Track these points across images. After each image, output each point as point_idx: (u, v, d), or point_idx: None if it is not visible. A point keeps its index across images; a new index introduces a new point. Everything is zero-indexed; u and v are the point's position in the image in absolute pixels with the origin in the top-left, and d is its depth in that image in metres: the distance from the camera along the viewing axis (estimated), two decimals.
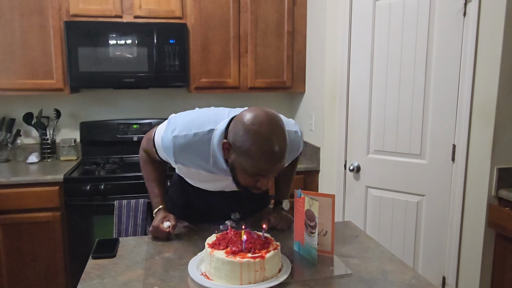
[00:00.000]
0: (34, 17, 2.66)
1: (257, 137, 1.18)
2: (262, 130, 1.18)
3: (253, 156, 1.19)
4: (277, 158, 1.20)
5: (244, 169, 1.24)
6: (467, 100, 2.20)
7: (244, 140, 1.19)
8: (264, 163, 1.20)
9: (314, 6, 2.88)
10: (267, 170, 1.22)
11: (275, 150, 1.19)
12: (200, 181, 1.51)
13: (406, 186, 2.46)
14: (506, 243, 2.14)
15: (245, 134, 1.19)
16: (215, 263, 1.19)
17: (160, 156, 1.50)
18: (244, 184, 1.30)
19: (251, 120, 1.20)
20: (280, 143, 1.20)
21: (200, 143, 1.35)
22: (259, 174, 1.23)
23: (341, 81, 2.60)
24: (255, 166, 1.21)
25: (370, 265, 1.33)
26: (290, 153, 1.48)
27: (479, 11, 2.12)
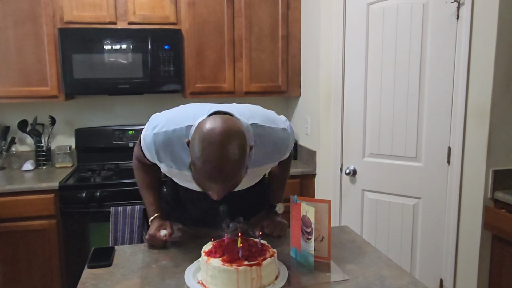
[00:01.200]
0: (28, 25, 2.65)
1: (203, 153, 1.10)
2: (211, 149, 1.09)
3: (197, 171, 1.14)
4: (219, 181, 1.12)
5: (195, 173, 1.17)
6: (461, 102, 2.21)
7: (194, 149, 1.13)
8: (207, 181, 1.14)
9: (308, 11, 2.88)
10: (210, 188, 1.16)
11: (216, 173, 1.10)
12: (187, 181, 1.42)
13: (402, 189, 2.46)
14: (502, 245, 2.15)
15: (196, 142, 1.13)
16: (212, 271, 1.18)
17: (148, 158, 1.45)
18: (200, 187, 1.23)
19: (206, 131, 1.12)
20: (226, 166, 1.10)
21: (179, 139, 1.31)
22: (204, 188, 1.19)
23: (336, 85, 2.61)
24: (199, 180, 1.17)
25: (367, 270, 1.33)
26: (277, 153, 1.44)
27: (472, 14, 2.14)
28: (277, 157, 1.47)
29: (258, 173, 1.48)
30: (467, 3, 2.13)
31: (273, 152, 1.41)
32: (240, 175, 1.16)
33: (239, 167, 1.13)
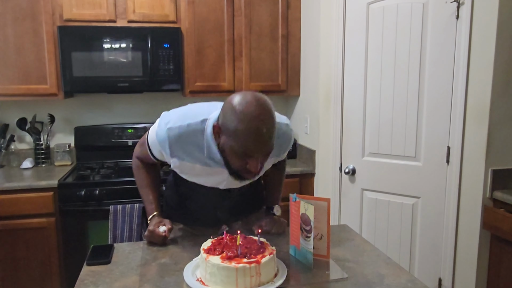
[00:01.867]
0: (27, 22, 2.64)
1: (244, 116, 1.18)
2: (250, 110, 1.18)
3: (240, 135, 1.19)
4: (264, 138, 1.20)
5: (233, 151, 1.24)
6: (461, 102, 2.21)
7: (232, 120, 1.20)
8: (251, 142, 1.19)
9: (308, 10, 2.88)
10: (254, 150, 1.21)
11: (262, 129, 1.19)
12: (195, 175, 1.46)
13: (401, 189, 2.46)
14: (501, 244, 2.15)
15: (233, 114, 1.20)
16: (211, 269, 1.18)
17: (155, 155, 1.49)
18: (235, 168, 1.29)
19: (239, 101, 1.20)
20: (267, 123, 1.20)
21: (194, 133, 1.35)
22: (247, 154, 1.22)
23: (335, 84, 2.61)
24: (242, 145, 1.21)
25: (366, 268, 1.33)
26: (282, 146, 1.49)
27: (472, 13, 2.14)
28: (280, 152, 1.50)
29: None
30: (467, 3, 2.13)
31: (278, 146, 1.43)
32: (274, 139, 1.24)
33: (275, 125, 1.23)
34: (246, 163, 1.25)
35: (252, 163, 1.24)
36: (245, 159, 1.24)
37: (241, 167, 1.28)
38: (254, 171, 1.26)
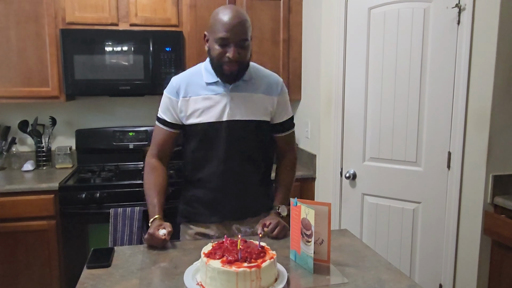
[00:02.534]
0: (30, 25, 2.65)
1: (219, 7, 1.55)
2: (224, 5, 1.57)
3: (215, 16, 1.52)
4: (234, 15, 1.48)
5: (214, 39, 1.52)
6: (462, 107, 2.21)
7: (211, 15, 1.55)
8: (223, 18, 1.48)
9: (309, 14, 2.89)
10: (228, 28, 1.47)
11: (233, 7, 1.53)
12: (200, 112, 1.62)
13: (402, 194, 2.46)
14: (502, 251, 2.15)
15: (213, 13, 1.55)
16: (211, 273, 1.18)
17: (168, 119, 1.67)
18: (217, 59, 1.54)
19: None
20: (238, 9, 1.54)
21: (193, 70, 1.71)
22: (223, 38, 1.48)
23: (336, 89, 2.61)
24: (217, 24, 1.49)
25: (367, 274, 1.33)
26: (270, 86, 1.69)
27: (473, 19, 2.15)
28: (271, 91, 1.69)
29: (256, 103, 1.66)
30: (468, 9, 2.14)
31: (268, 84, 1.69)
32: (249, 28, 1.53)
33: (247, 18, 1.53)
34: (225, 51, 1.51)
35: (229, 50, 1.50)
36: (222, 46, 1.50)
37: (222, 57, 1.52)
38: (232, 57, 1.49)
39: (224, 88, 1.62)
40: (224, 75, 1.57)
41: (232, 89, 1.63)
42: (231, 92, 1.62)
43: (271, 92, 1.69)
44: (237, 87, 1.63)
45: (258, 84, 1.67)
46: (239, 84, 1.63)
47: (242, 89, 1.64)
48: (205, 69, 1.65)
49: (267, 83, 1.70)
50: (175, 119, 1.67)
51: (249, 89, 1.65)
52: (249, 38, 1.55)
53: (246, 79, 1.64)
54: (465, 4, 2.15)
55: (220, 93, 1.62)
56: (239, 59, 1.52)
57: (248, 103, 1.64)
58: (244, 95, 1.64)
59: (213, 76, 1.62)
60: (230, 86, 1.62)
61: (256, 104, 1.66)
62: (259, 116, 1.67)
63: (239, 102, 1.63)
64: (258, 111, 1.67)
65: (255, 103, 1.66)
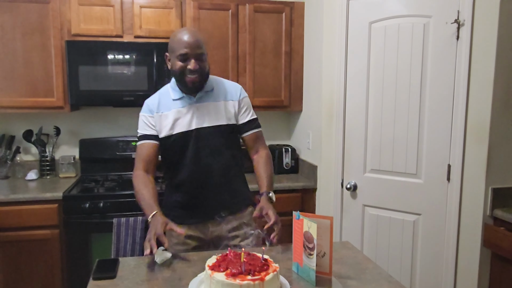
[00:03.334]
0: (36, 36, 2.70)
1: (176, 31, 1.79)
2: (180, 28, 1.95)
3: (173, 37, 1.75)
4: (190, 34, 1.71)
5: (175, 56, 1.72)
6: (461, 120, 2.25)
7: (170, 39, 1.77)
8: (181, 38, 1.70)
9: (311, 28, 2.94)
10: (185, 45, 1.69)
11: (188, 28, 1.91)
12: (172, 125, 1.78)
13: (402, 205, 2.49)
14: (502, 263, 2.17)
15: (170, 36, 1.78)
16: (215, 285, 1.20)
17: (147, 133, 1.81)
18: (179, 73, 1.72)
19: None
20: (192, 29, 1.84)
21: (161, 91, 1.89)
22: (183, 54, 1.69)
23: (338, 101, 2.65)
24: (176, 43, 1.71)
25: (368, 286, 1.35)
26: (230, 92, 1.87)
27: (472, 34, 2.19)
28: (232, 96, 1.86)
29: (220, 110, 1.82)
30: (467, 24, 2.18)
31: (227, 91, 1.87)
32: (203, 45, 1.74)
33: (201, 37, 1.75)
34: (186, 65, 1.70)
35: (190, 63, 1.70)
36: (183, 60, 1.70)
37: (183, 70, 1.71)
38: (193, 68, 1.69)
39: (190, 100, 1.80)
40: (187, 86, 1.75)
41: (197, 101, 1.81)
42: (196, 103, 1.80)
43: (232, 97, 1.87)
44: (201, 98, 1.81)
45: (219, 92, 1.86)
46: (202, 95, 1.81)
47: (206, 99, 1.82)
48: (171, 87, 1.85)
49: (227, 90, 1.88)
50: (155, 132, 1.82)
51: (212, 98, 1.83)
52: (205, 52, 1.76)
53: (208, 90, 1.83)
54: (464, 20, 2.19)
55: (186, 106, 1.80)
56: (199, 69, 1.72)
57: (212, 111, 1.82)
58: (208, 104, 1.82)
59: (178, 92, 1.81)
60: (194, 98, 1.80)
61: (220, 110, 1.83)
62: (224, 121, 1.83)
63: (204, 111, 1.81)
64: (223, 116, 1.83)
65: (219, 109, 1.83)
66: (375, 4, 2.47)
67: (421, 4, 2.32)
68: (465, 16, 2.18)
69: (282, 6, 3.01)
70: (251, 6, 2.95)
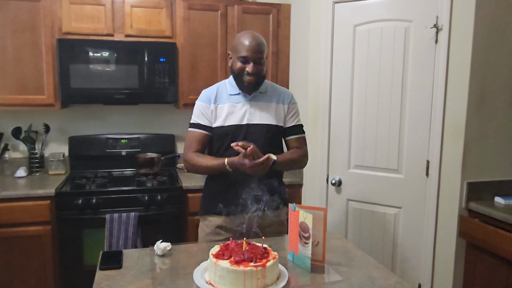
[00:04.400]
0: (26, 34, 2.71)
1: (241, 31, 1.96)
2: (245, 30, 1.96)
3: (237, 39, 1.87)
4: (254, 38, 1.84)
5: (236, 57, 1.86)
6: (439, 119, 2.40)
7: (234, 38, 1.91)
8: (245, 41, 1.83)
9: (297, 29, 3.05)
10: (248, 48, 1.82)
11: (253, 33, 1.88)
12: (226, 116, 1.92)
13: (384, 199, 2.63)
14: (476, 252, 2.33)
15: (235, 36, 1.92)
16: (220, 272, 1.30)
17: (201, 122, 1.93)
18: (237, 71, 1.86)
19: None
20: (258, 34, 1.88)
21: (219, 84, 2.02)
22: (244, 56, 1.82)
23: (323, 100, 2.76)
24: (239, 45, 1.84)
25: (358, 272, 1.47)
26: (282, 96, 2.01)
27: (449, 38, 2.34)
28: (283, 101, 2.01)
29: (271, 110, 1.97)
30: (445, 29, 2.33)
31: (280, 95, 2.01)
32: (265, 49, 1.89)
33: (264, 42, 1.89)
34: (245, 67, 1.84)
35: (249, 66, 1.83)
36: (243, 62, 1.84)
37: (242, 70, 1.85)
38: (251, 71, 1.83)
39: (245, 98, 1.95)
40: (244, 85, 1.90)
41: (251, 99, 1.95)
42: (251, 101, 1.95)
43: (283, 102, 2.02)
44: (255, 98, 1.96)
45: (272, 95, 2.01)
46: (257, 95, 1.96)
47: (259, 99, 1.97)
48: (229, 83, 2.00)
49: (279, 95, 2.03)
50: (210, 122, 1.94)
51: (265, 99, 1.98)
52: (265, 57, 1.90)
53: (262, 91, 1.98)
54: (442, 25, 2.33)
55: (241, 102, 1.94)
56: (256, 72, 1.86)
57: (264, 110, 1.96)
58: (261, 104, 1.97)
59: (235, 88, 1.96)
60: (249, 96, 1.94)
61: (270, 111, 1.98)
62: (273, 121, 1.97)
63: (257, 109, 1.95)
64: (272, 117, 1.97)
65: (270, 110, 1.98)
66: (359, 8, 2.59)
67: (402, 9, 2.46)
68: (443, 21, 2.33)
69: (269, 8, 3.11)
70: (239, 7, 3.04)
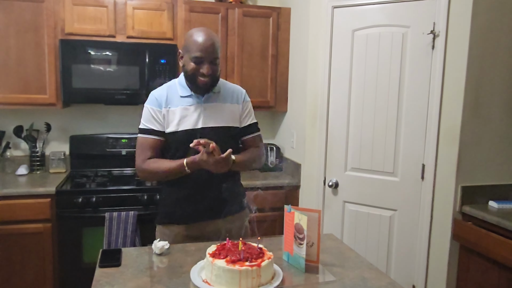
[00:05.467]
0: (29, 35, 2.75)
1: (193, 29, 1.79)
2: (197, 28, 1.81)
3: (189, 37, 1.76)
4: (207, 37, 1.73)
5: (189, 57, 1.75)
6: (435, 123, 2.43)
7: (186, 36, 1.79)
8: (198, 39, 1.72)
9: (297, 32, 3.09)
10: (202, 48, 1.71)
11: (206, 29, 1.77)
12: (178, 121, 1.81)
13: (380, 202, 2.67)
14: (469, 254, 2.37)
15: (187, 34, 1.79)
16: (217, 271, 1.33)
17: (152, 127, 1.81)
18: (190, 72, 1.76)
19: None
20: (210, 31, 1.77)
21: (168, 85, 1.90)
22: (198, 56, 1.71)
23: (321, 103, 2.80)
24: (193, 44, 1.73)
25: (351, 272, 1.51)
26: (236, 96, 1.93)
27: (446, 45, 2.37)
28: (237, 100, 1.93)
29: (226, 112, 1.88)
30: (442, 35, 2.37)
31: (233, 94, 1.93)
32: (219, 48, 1.78)
33: (218, 40, 1.78)
34: (199, 68, 1.73)
35: (203, 67, 1.73)
36: (197, 63, 1.73)
37: (196, 72, 1.74)
38: (206, 73, 1.73)
39: (198, 99, 1.84)
40: (198, 87, 1.80)
41: (204, 100, 1.85)
42: (204, 103, 1.85)
43: (237, 101, 1.94)
44: (209, 99, 1.86)
45: (226, 95, 1.91)
46: (210, 95, 1.86)
47: (213, 100, 1.87)
48: (179, 84, 1.88)
49: (232, 94, 1.94)
50: (162, 127, 1.83)
51: (219, 99, 1.89)
52: (219, 56, 1.80)
53: (216, 91, 1.88)
54: (439, 31, 2.37)
55: (194, 104, 1.84)
56: (211, 74, 1.76)
57: (218, 112, 1.87)
58: (215, 105, 1.87)
59: (187, 90, 1.85)
60: (202, 97, 1.84)
61: (225, 112, 1.89)
62: (229, 123, 1.89)
63: (211, 111, 1.85)
64: (228, 118, 1.90)
65: (225, 111, 1.89)
66: (358, 13, 2.63)
67: (400, 15, 2.50)
68: (440, 27, 2.37)
69: (269, 11, 3.15)
70: (240, 10, 3.08)
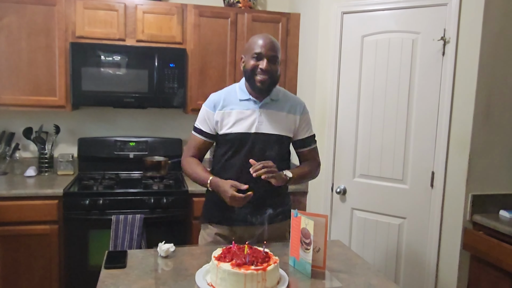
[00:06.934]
0: (41, 37, 2.78)
1: (256, 34, 1.86)
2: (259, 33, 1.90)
3: (251, 40, 1.83)
4: (268, 37, 1.80)
5: (250, 56, 1.79)
6: (445, 131, 2.40)
7: (248, 40, 1.86)
8: (259, 40, 1.79)
9: (306, 38, 3.08)
10: (262, 45, 1.77)
11: (267, 34, 1.85)
12: (233, 123, 1.85)
13: (388, 209, 2.63)
14: (480, 265, 2.32)
15: (249, 39, 1.87)
16: (222, 274, 1.32)
17: (203, 129, 1.89)
18: (250, 70, 1.78)
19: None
20: (270, 36, 1.84)
21: (228, 88, 1.95)
22: (258, 52, 1.76)
23: (330, 108, 2.79)
24: (253, 44, 1.80)
25: (358, 279, 1.48)
26: (295, 107, 1.93)
27: (456, 51, 2.35)
28: (294, 111, 1.92)
29: (281, 120, 1.88)
30: (452, 41, 2.35)
31: (292, 105, 1.93)
32: (279, 50, 1.83)
33: (278, 43, 1.84)
34: (258, 64, 1.77)
35: (262, 62, 1.76)
36: (257, 59, 1.77)
37: (255, 68, 1.77)
38: (265, 68, 1.75)
39: (255, 104, 1.86)
40: (255, 85, 1.80)
41: (261, 106, 1.86)
42: (260, 109, 1.86)
43: (295, 112, 1.92)
44: (266, 105, 1.86)
45: (283, 104, 1.91)
46: (268, 102, 1.87)
47: (270, 107, 1.87)
48: (239, 87, 1.91)
49: (291, 104, 1.93)
50: (211, 130, 1.90)
51: (276, 107, 1.88)
52: (279, 57, 1.83)
53: (274, 98, 1.88)
54: (450, 38, 2.35)
55: (250, 109, 1.85)
56: (270, 71, 1.77)
57: (274, 119, 1.87)
58: (271, 112, 1.87)
59: (245, 93, 1.87)
60: (260, 103, 1.85)
61: (280, 120, 1.88)
62: (282, 132, 1.88)
63: (266, 118, 1.86)
64: (282, 127, 1.88)
65: (280, 120, 1.88)
66: (367, 19, 2.62)
67: (410, 21, 2.49)
68: (451, 34, 2.35)
69: (279, 16, 3.16)
70: (249, 15, 3.08)
